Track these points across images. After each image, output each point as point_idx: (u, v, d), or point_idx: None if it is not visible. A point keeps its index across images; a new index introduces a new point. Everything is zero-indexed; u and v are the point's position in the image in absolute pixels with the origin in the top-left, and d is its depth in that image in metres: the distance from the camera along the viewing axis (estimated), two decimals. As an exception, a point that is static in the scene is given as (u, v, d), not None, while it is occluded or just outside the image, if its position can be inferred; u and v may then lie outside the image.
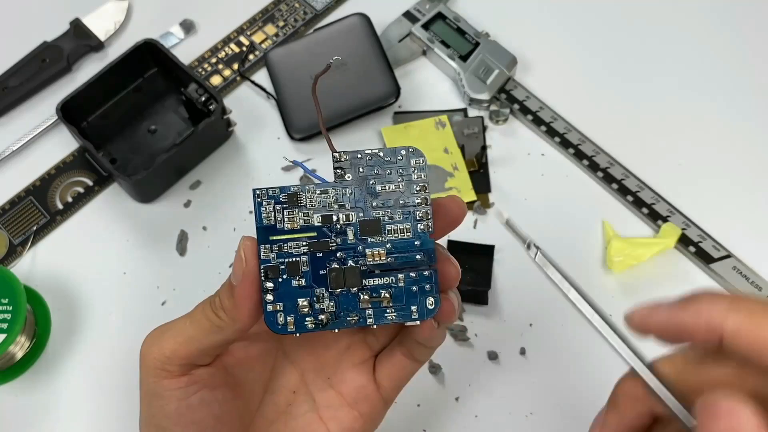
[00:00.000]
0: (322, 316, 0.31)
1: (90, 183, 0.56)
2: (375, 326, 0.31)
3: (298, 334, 0.31)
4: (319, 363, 0.37)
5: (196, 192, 0.55)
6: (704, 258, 0.52)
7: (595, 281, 0.52)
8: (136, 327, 0.51)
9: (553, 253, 0.52)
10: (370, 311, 0.31)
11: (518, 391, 0.48)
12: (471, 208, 0.54)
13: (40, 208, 0.55)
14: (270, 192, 0.31)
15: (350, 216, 0.31)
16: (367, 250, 0.31)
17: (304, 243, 0.31)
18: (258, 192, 0.31)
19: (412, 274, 0.31)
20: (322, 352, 0.37)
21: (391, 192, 0.31)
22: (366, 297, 0.31)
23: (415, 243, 0.31)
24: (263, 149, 0.57)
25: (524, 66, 0.59)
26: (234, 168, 0.56)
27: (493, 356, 0.49)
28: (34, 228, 0.54)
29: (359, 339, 0.37)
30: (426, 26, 0.59)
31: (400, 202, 0.31)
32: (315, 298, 0.31)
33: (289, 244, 0.31)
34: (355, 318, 0.31)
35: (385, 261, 0.31)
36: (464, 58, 0.58)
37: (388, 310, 0.31)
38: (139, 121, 0.57)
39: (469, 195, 0.54)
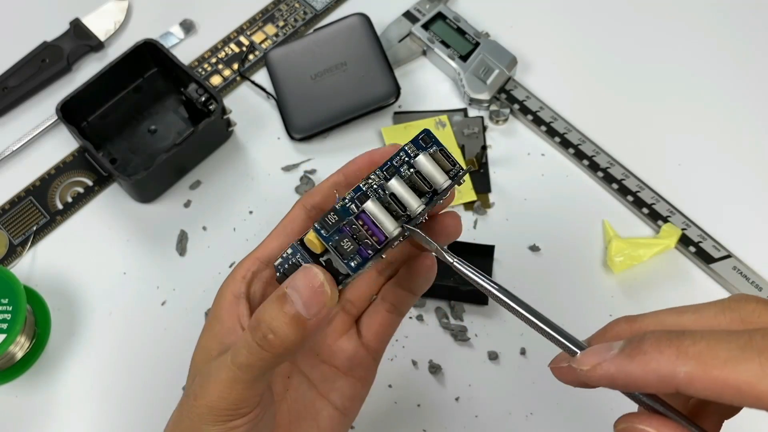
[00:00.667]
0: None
1: (90, 183, 0.56)
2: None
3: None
4: (312, 354, 0.37)
5: (196, 192, 0.55)
6: (704, 258, 0.51)
7: (595, 281, 0.52)
8: (136, 327, 0.51)
9: (553, 253, 0.53)
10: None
11: (518, 391, 0.48)
12: (471, 208, 0.54)
13: (40, 208, 0.55)
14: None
15: None
16: None
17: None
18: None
19: None
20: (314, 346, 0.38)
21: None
22: None
23: None
24: (263, 149, 0.57)
25: (524, 66, 0.59)
26: (234, 168, 0.56)
27: (493, 356, 0.49)
28: (34, 228, 0.54)
29: (338, 310, 0.37)
30: (426, 26, 0.59)
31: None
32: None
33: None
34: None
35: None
36: (464, 58, 0.58)
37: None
38: (139, 121, 0.57)
39: (469, 195, 0.54)
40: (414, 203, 0.30)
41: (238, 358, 0.30)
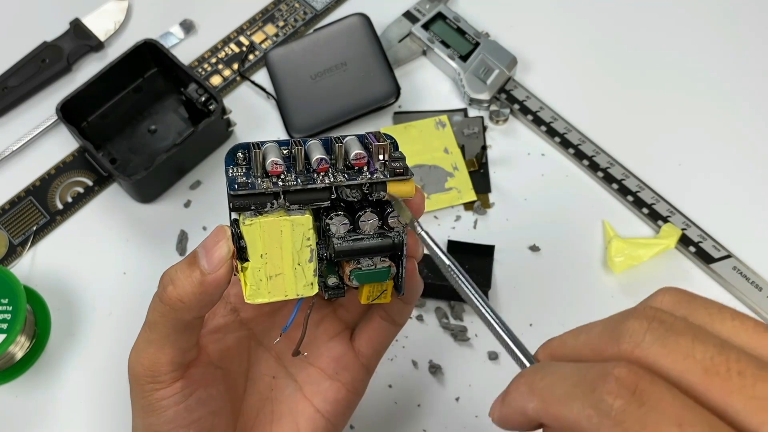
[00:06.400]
0: None
1: (90, 183, 0.56)
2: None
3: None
4: (293, 345, 0.37)
5: (196, 192, 0.55)
6: (704, 258, 0.51)
7: (595, 281, 0.52)
8: (136, 327, 0.51)
9: (553, 253, 0.53)
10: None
11: None
12: (471, 208, 0.54)
13: (40, 208, 0.55)
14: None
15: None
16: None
17: None
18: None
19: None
20: (295, 335, 0.38)
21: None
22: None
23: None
24: (263, 149, 0.57)
25: (524, 66, 0.59)
26: (234, 168, 0.56)
27: (493, 356, 0.49)
28: (34, 228, 0.54)
29: (329, 312, 0.37)
30: (426, 26, 0.59)
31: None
32: None
33: None
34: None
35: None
36: (464, 58, 0.58)
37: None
38: (139, 121, 0.57)
39: (469, 195, 0.54)
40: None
41: (147, 318, 0.32)
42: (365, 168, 0.31)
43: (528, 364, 0.26)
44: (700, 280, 0.52)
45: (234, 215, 0.31)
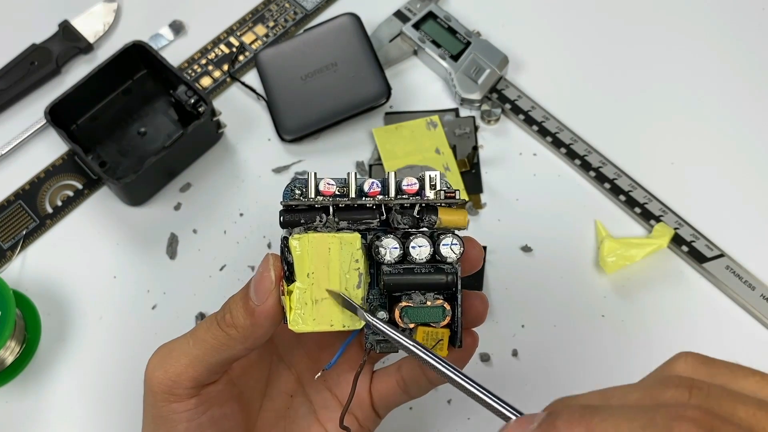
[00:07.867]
0: None
1: (79, 186, 0.55)
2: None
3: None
4: (315, 365, 0.37)
5: (186, 194, 0.55)
6: (697, 257, 0.51)
7: (587, 282, 0.51)
8: (127, 331, 0.51)
9: (545, 253, 0.52)
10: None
11: (510, 393, 0.47)
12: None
13: (30, 212, 0.54)
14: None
15: None
16: None
17: None
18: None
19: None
20: (318, 355, 0.38)
21: None
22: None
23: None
24: (253, 151, 0.57)
25: (516, 65, 0.59)
26: (224, 170, 0.56)
27: (485, 358, 0.49)
28: (24, 232, 0.54)
29: (356, 342, 0.37)
30: (417, 26, 0.59)
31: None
32: None
33: None
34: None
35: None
36: (455, 57, 0.57)
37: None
38: (129, 123, 0.57)
39: (461, 196, 0.54)
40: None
41: (196, 332, 0.32)
42: (416, 196, 0.32)
43: (511, 416, 0.26)
44: (693, 280, 0.51)
45: (284, 233, 0.31)
